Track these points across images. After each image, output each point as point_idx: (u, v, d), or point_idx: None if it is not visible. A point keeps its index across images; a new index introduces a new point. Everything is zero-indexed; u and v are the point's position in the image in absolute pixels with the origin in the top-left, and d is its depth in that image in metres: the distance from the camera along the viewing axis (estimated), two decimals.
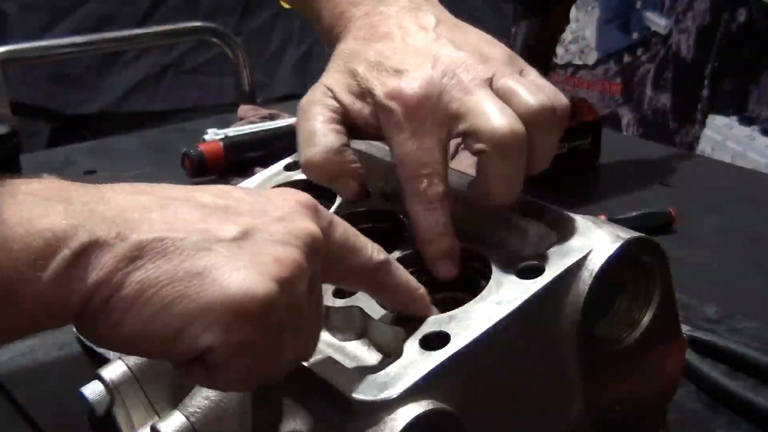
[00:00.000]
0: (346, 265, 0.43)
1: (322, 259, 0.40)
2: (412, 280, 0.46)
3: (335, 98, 0.52)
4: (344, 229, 0.43)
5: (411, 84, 0.49)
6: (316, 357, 0.43)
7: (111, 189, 0.38)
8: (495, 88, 0.49)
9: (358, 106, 0.51)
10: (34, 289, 0.34)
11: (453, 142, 0.50)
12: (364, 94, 0.51)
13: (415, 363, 0.40)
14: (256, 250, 0.37)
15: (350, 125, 0.52)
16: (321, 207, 0.42)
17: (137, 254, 0.35)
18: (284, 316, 0.37)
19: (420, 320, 0.45)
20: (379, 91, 0.50)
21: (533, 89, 0.49)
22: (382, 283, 0.44)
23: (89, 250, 0.34)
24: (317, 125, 0.51)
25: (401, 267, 0.45)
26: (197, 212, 0.37)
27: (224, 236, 0.37)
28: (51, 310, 0.35)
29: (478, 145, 0.47)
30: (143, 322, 0.35)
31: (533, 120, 0.47)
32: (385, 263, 0.44)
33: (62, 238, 0.34)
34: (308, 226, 0.39)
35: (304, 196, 0.42)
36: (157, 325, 0.35)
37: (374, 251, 0.44)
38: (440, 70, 0.49)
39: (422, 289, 0.46)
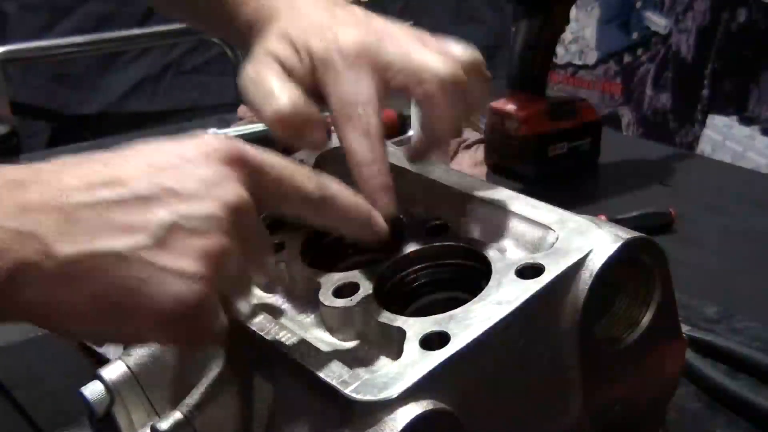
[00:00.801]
0: (286, 202, 0.42)
1: (252, 215, 0.40)
2: (359, 205, 0.45)
3: (278, 61, 0.53)
4: (278, 166, 0.41)
5: (347, 37, 0.51)
6: (315, 357, 0.43)
7: (37, 172, 0.37)
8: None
9: (297, 64, 0.52)
10: None
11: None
12: (300, 51, 0.52)
13: (415, 363, 0.40)
14: (180, 250, 0.37)
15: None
16: (246, 150, 0.41)
17: (65, 272, 0.35)
18: (217, 294, 0.38)
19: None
20: (318, 46, 0.51)
21: (459, 46, 0.53)
22: (326, 215, 0.44)
23: (17, 272, 0.34)
24: (275, 82, 0.51)
25: (347, 192, 0.44)
26: (120, 209, 0.37)
27: (146, 243, 0.37)
28: None
29: (425, 87, 0.50)
30: (84, 329, 0.38)
31: (467, 68, 0.52)
32: (325, 196, 0.43)
33: None
34: (230, 198, 0.38)
35: (227, 144, 0.40)
36: (97, 331, 0.38)
37: (313, 184, 0.42)
38: (374, 30, 0.52)
39: (372, 211, 0.46)
